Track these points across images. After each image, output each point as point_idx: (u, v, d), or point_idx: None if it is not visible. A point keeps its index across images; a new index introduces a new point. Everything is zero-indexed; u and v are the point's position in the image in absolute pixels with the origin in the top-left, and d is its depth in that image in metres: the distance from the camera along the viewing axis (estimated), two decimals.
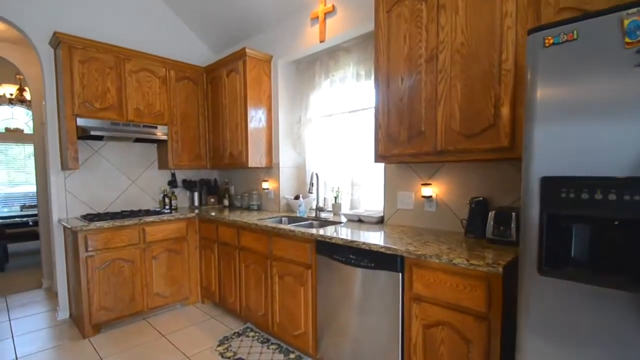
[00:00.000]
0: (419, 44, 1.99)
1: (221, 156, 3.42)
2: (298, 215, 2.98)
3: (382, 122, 2.21)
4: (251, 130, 3.15)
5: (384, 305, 1.88)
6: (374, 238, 2.04)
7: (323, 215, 2.91)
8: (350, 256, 2.03)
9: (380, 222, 2.56)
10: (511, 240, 1.74)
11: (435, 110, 1.95)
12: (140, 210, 3.22)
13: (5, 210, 6.25)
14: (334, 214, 2.97)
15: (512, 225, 1.74)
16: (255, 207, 3.40)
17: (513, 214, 1.75)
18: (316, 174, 2.82)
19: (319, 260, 2.22)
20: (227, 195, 3.73)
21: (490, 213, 1.84)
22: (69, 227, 2.57)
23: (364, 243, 1.93)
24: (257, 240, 2.64)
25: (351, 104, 2.98)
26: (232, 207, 3.72)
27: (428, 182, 2.30)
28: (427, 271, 1.69)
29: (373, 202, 2.91)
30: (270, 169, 3.37)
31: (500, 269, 1.40)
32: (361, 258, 1.98)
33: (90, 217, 2.84)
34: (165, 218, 2.99)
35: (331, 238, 2.09)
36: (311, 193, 2.77)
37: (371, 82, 2.80)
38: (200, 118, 3.52)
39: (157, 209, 3.31)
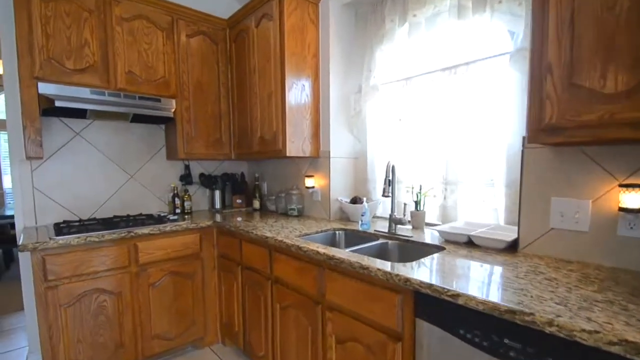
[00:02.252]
0: None
1: (249, 142, 2.34)
2: (360, 228, 1.84)
3: (555, 58, 1.00)
4: (290, 104, 2.04)
5: None
6: (532, 289, 0.85)
7: (400, 229, 1.75)
8: (505, 341, 0.87)
9: (511, 248, 1.36)
10: None
11: None
12: (140, 216, 2.22)
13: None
14: (414, 228, 1.80)
15: None
16: (295, 212, 2.30)
17: None
18: (393, 167, 1.66)
19: (420, 329, 1.07)
20: (257, 195, 2.67)
21: None
22: (19, 243, 1.61)
23: (552, 322, 0.76)
24: (300, 272, 1.54)
25: (448, 57, 1.78)
26: (263, 210, 2.65)
27: (634, 183, 1.08)
28: None
29: (479, 213, 1.71)
30: (317, 159, 2.24)
31: None
32: (536, 351, 0.81)
33: (63, 227, 1.86)
34: (168, 229, 1.96)
35: (456, 294, 0.93)
36: (388, 196, 1.61)
37: (485, 18, 1.59)
38: (222, 89, 2.44)
39: (162, 214, 2.30)
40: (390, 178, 1.60)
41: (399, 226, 1.76)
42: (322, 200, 2.21)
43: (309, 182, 2.23)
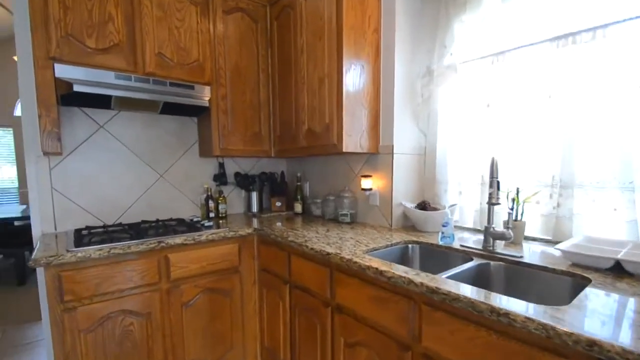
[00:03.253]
0: None
1: (294, 136, 1.98)
2: (440, 242, 1.44)
3: None
4: (348, 90, 1.65)
5: None
6: None
7: (497, 245, 1.33)
8: None
9: None
10: None
11: None
12: (170, 221, 1.90)
13: None
14: (510, 243, 1.38)
15: None
16: (348, 219, 1.92)
17: None
18: (496, 163, 1.24)
19: None
20: (299, 198, 2.30)
21: None
22: (33, 256, 1.32)
23: None
24: (377, 303, 1.15)
25: (561, 24, 1.35)
26: (307, 215, 2.28)
27: None
28: None
29: (603, 226, 1.28)
30: (374, 156, 1.85)
31: None
32: None
33: (84, 234, 1.56)
34: (203, 238, 1.63)
35: None
36: (497, 204, 1.21)
37: None
38: (261, 75, 2.08)
39: (195, 219, 1.98)
40: (499, 179, 1.19)
41: (496, 242, 1.34)
42: (381, 204, 1.82)
43: (365, 183, 1.84)
